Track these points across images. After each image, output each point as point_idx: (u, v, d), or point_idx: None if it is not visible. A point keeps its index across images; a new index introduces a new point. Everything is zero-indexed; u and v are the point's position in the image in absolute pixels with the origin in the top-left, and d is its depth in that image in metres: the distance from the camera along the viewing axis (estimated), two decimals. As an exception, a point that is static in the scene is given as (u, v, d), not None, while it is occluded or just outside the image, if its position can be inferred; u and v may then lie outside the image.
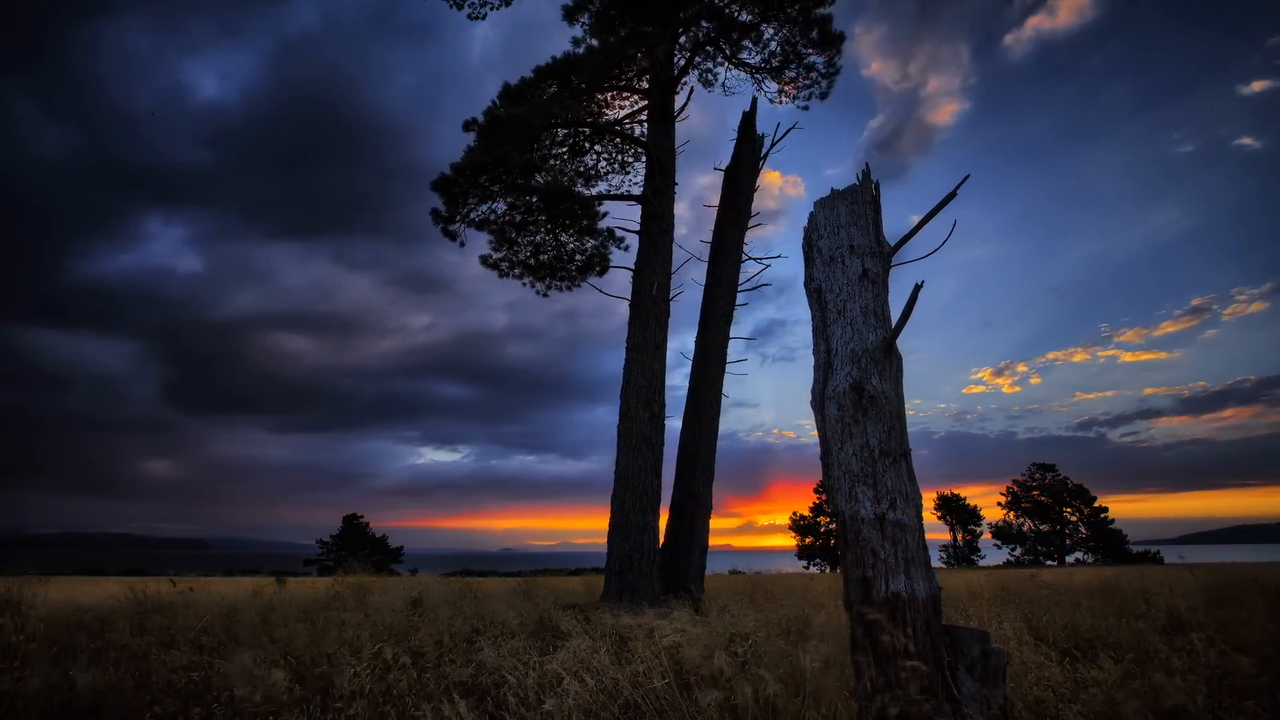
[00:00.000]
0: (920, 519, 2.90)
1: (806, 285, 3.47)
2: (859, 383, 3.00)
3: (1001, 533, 44.23)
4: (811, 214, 3.55)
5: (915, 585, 2.72)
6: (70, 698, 2.77)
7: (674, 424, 9.74)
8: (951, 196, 3.20)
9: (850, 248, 3.30)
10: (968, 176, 3.26)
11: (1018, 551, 43.61)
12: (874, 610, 2.61)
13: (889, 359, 3.07)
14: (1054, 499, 43.32)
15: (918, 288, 2.99)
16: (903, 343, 3.15)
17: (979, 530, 45.04)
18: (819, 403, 3.17)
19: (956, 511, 44.82)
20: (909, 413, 3.10)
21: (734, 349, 9.98)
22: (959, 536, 44.93)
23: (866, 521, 2.84)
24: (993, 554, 44.33)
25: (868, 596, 2.74)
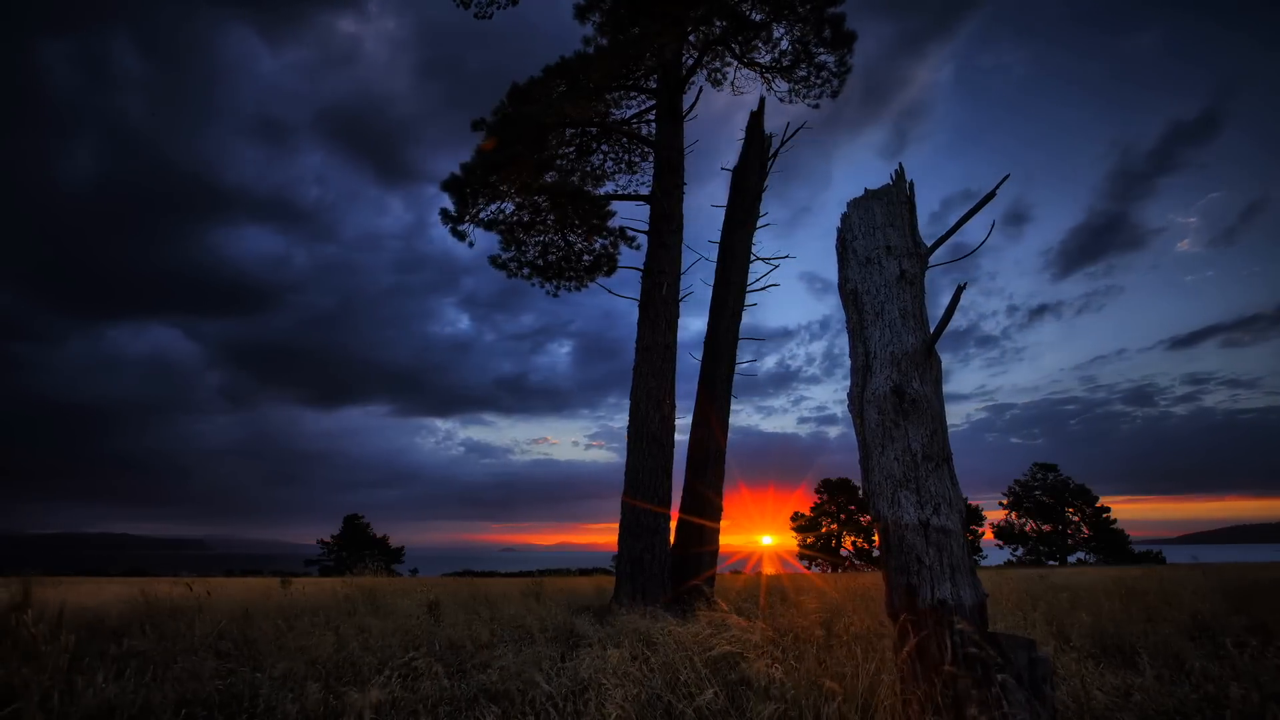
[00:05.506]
0: (963, 525, 2.86)
1: (841, 287, 3.42)
2: (899, 386, 2.95)
3: (1004, 533, 44.26)
4: (845, 214, 3.50)
5: (961, 592, 2.67)
6: (107, 711, 2.72)
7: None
8: (990, 197, 3.15)
9: (887, 249, 3.26)
10: (1007, 176, 3.22)
11: (1020, 552, 43.65)
12: (924, 618, 2.56)
13: (929, 362, 3.03)
14: (1056, 499, 43.35)
15: (960, 289, 2.94)
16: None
17: (980, 530, 45.04)
18: (857, 406, 3.13)
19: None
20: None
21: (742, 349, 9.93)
22: (960, 536, 44.92)
23: (910, 527, 2.79)
24: (994, 554, 44.36)
25: (913, 604, 2.70)
